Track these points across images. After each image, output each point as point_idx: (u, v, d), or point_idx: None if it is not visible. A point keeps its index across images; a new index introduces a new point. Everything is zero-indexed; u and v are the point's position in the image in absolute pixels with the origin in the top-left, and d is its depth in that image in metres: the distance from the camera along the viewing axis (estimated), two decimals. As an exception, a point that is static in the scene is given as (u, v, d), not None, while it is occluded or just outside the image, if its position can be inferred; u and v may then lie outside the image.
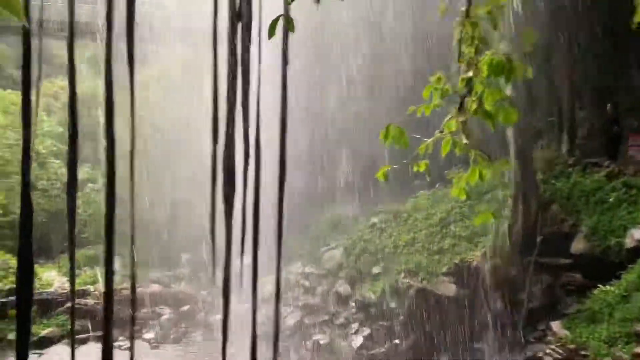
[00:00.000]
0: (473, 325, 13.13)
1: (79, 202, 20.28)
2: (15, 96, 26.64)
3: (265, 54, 4.42)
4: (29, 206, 4.45)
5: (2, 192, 17.72)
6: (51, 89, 29.53)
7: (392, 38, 20.88)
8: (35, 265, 12.53)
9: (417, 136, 3.69)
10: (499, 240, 13.53)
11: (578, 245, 13.14)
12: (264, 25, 3.77)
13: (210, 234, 4.41)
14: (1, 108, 26.41)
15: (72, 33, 4.15)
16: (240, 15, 4.23)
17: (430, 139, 3.63)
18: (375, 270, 17.51)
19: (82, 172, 21.80)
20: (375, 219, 19.57)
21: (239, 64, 4.20)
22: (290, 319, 17.28)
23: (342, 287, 18.00)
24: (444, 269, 14.73)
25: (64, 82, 28.05)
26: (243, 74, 4.26)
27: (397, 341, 14.87)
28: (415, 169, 3.76)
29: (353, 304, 17.16)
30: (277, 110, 4.42)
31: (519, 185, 13.84)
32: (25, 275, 4.15)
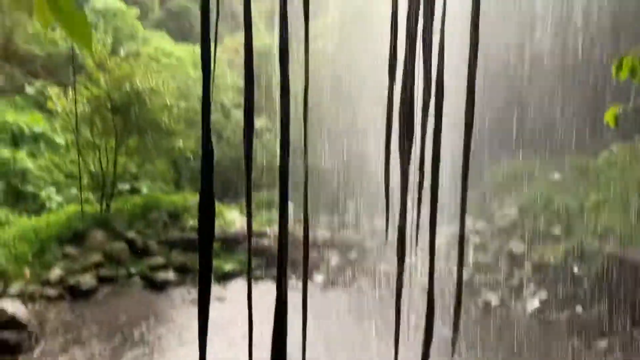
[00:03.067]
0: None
1: (257, 149, 21.55)
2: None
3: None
4: (209, 149, 4.45)
5: (193, 140, 19.51)
6: (233, 44, 31.37)
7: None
8: (221, 207, 13.62)
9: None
10: None
11: None
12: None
13: (385, 183, 4.07)
14: (192, 62, 28.91)
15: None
16: None
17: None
18: (556, 231, 16.00)
19: (260, 122, 23.06)
20: (557, 175, 17.77)
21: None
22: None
23: (517, 247, 16.82)
24: (643, 235, 12.85)
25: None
26: (425, 2, 3.75)
27: (579, 309, 13.52)
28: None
29: (528, 265, 15.97)
30: (464, 50, 3.83)
31: None
32: (207, 213, 4.15)
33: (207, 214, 4.06)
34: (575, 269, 14.18)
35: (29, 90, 25.82)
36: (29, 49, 27.10)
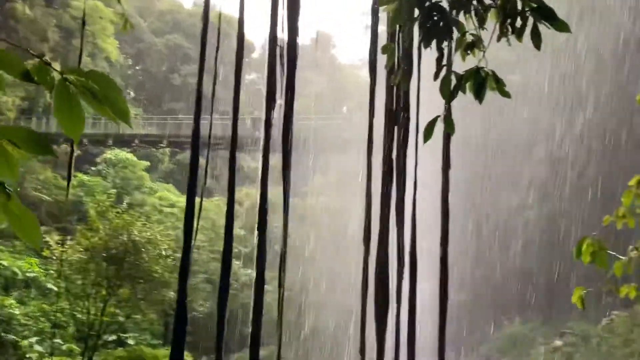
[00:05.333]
0: None
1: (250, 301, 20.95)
2: (208, 203, 29.74)
3: (425, 158, 4.11)
4: (184, 312, 4.41)
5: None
6: (237, 196, 32.12)
7: (576, 136, 19.46)
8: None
9: (611, 252, 3.01)
10: None
11: None
12: (422, 128, 3.53)
13: (360, 354, 3.96)
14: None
15: (234, 147, 4.28)
16: (397, 119, 4.02)
17: (625, 258, 2.93)
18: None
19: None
20: (558, 342, 17.13)
21: (394, 168, 3.94)
22: None
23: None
24: (653, 412, 12.01)
25: (248, 190, 30.76)
26: (397, 178, 3.98)
27: None
28: (623, 294, 3.04)
29: None
30: (437, 218, 3.98)
31: None
32: None
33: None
34: None
35: (30, 235, 26.06)
36: (36, 196, 27.95)
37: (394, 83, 3.94)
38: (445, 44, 3.56)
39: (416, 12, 3.53)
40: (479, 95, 3.22)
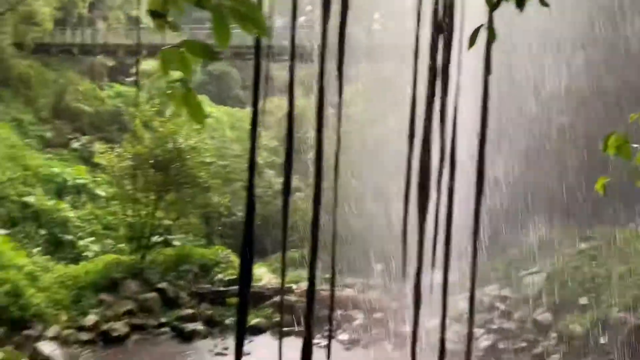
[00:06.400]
0: None
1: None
2: (241, 113, 30.39)
3: (467, 64, 4.48)
4: (252, 209, 5.13)
5: (228, 196, 20.29)
6: (269, 107, 32.56)
7: (604, 45, 18.95)
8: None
9: (635, 145, 3.41)
10: None
11: None
12: (465, 36, 3.85)
13: (402, 244, 4.58)
14: (229, 124, 30.25)
15: (293, 56, 4.73)
16: (442, 28, 4.37)
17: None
18: (583, 301, 15.90)
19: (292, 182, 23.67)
20: (584, 245, 17.80)
21: (439, 75, 4.35)
22: (482, 341, 16.57)
23: (542, 315, 16.69)
24: (670, 307, 12.77)
25: (279, 101, 31.12)
26: (442, 84, 4.39)
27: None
28: (639, 183, 3.46)
29: (554, 335, 15.81)
30: (477, 121, 4.43)
31: None
32: (245, 271, 4.78)
33: (245, 275, 4.56)
34: (602, 340, 14.03)
35: (75, 144, 27.40)
36: (78, 107, 28.95)
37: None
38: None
39: None
40: (520, 4, 3.51)
